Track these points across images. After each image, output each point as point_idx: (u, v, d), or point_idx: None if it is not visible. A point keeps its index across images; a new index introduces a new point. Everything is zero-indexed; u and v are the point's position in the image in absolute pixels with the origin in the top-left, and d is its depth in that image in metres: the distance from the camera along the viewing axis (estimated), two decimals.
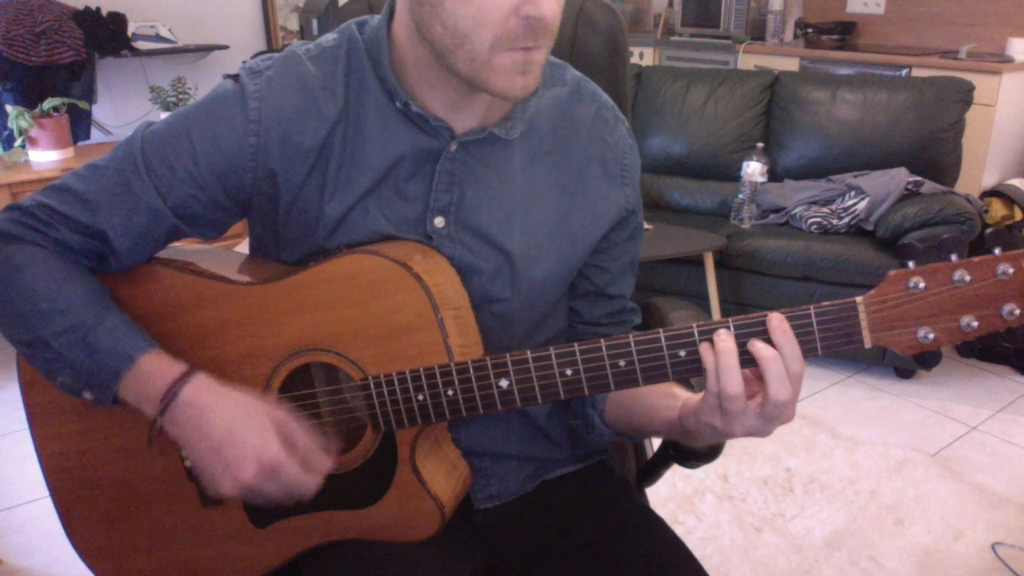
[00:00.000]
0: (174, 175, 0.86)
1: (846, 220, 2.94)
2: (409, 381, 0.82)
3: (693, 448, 0.99)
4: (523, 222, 0.91)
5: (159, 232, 0.88)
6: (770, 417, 0.75)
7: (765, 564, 1.92)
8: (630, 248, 1.00)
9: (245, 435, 0.79)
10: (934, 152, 3.05)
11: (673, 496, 2.17)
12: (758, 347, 0.74)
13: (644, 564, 0.91)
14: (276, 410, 0.83)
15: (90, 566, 0.97)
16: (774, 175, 3.26)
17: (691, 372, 0.77)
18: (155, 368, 0.82)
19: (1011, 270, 0.71)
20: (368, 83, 0.87)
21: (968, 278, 0.72)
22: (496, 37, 0.75)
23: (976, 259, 0.72)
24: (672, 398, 0.86)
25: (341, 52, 0.88)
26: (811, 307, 0.74)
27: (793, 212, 3.04)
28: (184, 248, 0.96)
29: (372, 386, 0.83)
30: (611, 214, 0.96)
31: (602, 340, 0.78)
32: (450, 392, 0.82)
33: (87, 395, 0.84)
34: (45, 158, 2.88)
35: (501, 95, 0.79)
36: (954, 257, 0.72)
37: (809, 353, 0.75)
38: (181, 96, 3.17)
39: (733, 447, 2.37)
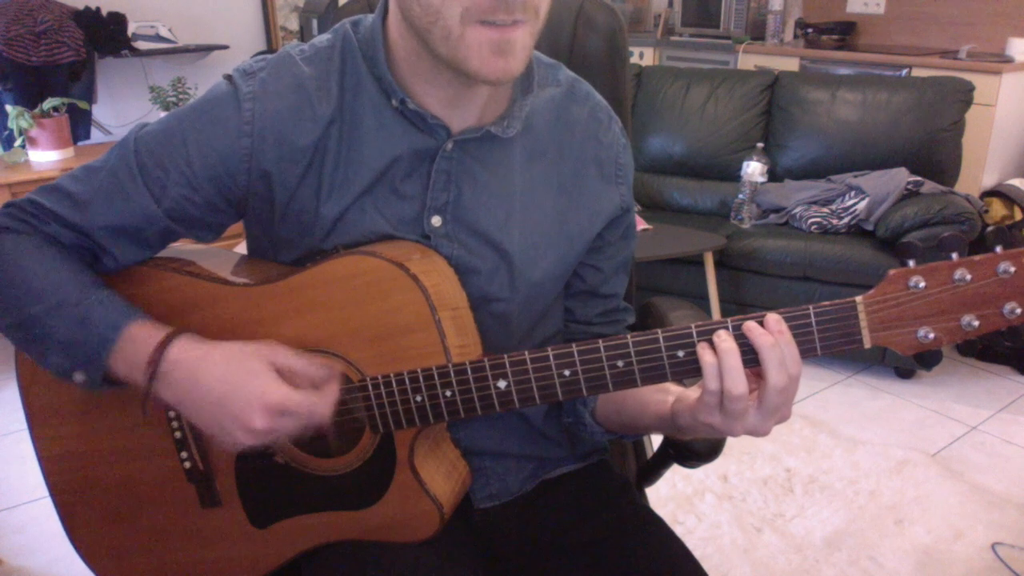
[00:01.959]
0: (168, 177, 0.85)
1: (846, 220, 2.94)
2: (407, 382, 0.82)
3: (692, 447, 0.99)
4: (522, 222, 0.91)
5: (153, 234, 0.88)
6: (769, 411, 0.75)
7: (765, 564, 1.92)
8: (623, 248, 1.00)
9: (243, 382, 0.78)
10: (934, 152, 3.05)
11: (673, 496, 2.17)
12: (756, 334, 0.73)
13: (644, 564, 0.90)
14: (268, 348, 0.81)
15: (90, 566, 0.97)
16: (774, 175, 3.26)
17: (690, 373, 0.77)
18: (142, 334, 0.82)
19: (1012, 268, 0.71)
20: (363, 82, 0.86)
21: (969, 277, 0.71)
22: (466, 8, 0.73)
23: (977, 258, 0.71)
24: (664, 393, 0.86)
25: (335, 52, 0.88)
26: (810, 307, 0.74)
27: (793, 212, 3.04)
28: (182, 249, 0.96)
29: (370, 387, 0.83)
30: (607, 213, 0.96)
31: (600, 341, 0.78)
32: (448, 393, 0.81)
33: (78, 376, 0.83)
34: (45, 158, 2.87)
35: (480, 77, 0.77)
36: (954, 256, 0.72)
37: (808, 353, 0.75)
38: (181, 96, 3.17)
39: (733, 447, 2.37)
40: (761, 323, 0.74)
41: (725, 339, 0.74)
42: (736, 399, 0.73)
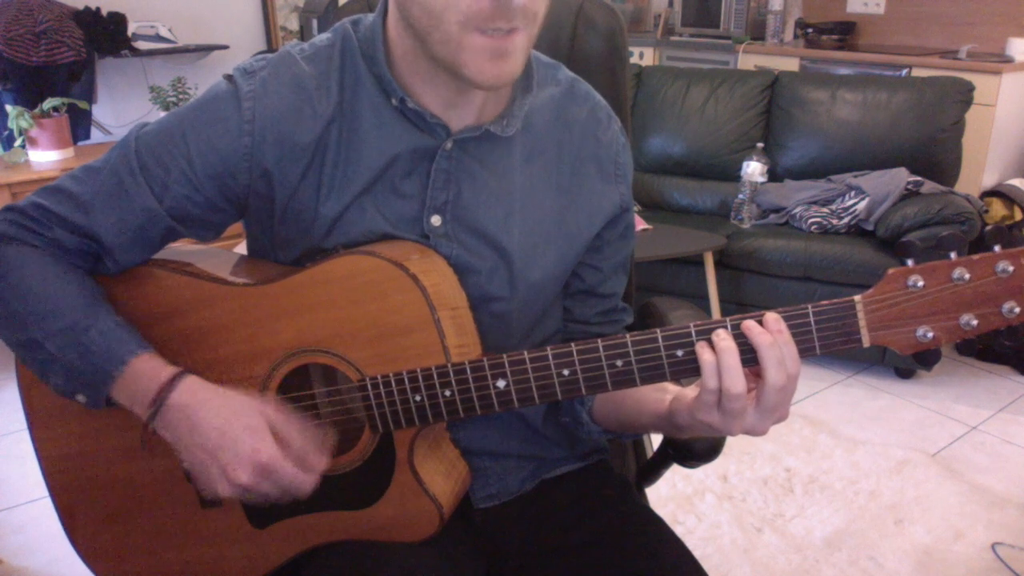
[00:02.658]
0: (169, 176, 0.86)
1: (846, 220, 2.94)
2: (406, 382, 0.82)
3: (692, 447, 0.99)
4: (522, 221, 0.91)
5: (154, 233, 0.88)
6: (767, 410, 0.75)
7: (765, 564, 1.92)
8: (622, 247, 1.00)
9: (238, 436, 0.79)
10: (934, 152, 3.05)
11: (673, 496, 2.17)
12: (755, 333, 0.73)
13: (644, 564, 0.90)
14: (269, 408, 0.82)
15: (90, 566, 0.97)
16: (774, 175, 3.26)
17: (688, 372, 0.77)
18: (146, 371, 0.82)
19: (1011, 268, 0.71)
20: (363, 81, 0.87)
21: (967, 276, 0.71)
22: (467, 16, 0.73)
23: (975, 257, 0.71)
24: (661, 391, 0.86)
25: (335, 51, 0.88)
26: (809, 306, 0.74)
27: (793, 212, 3.04)
28: (181, 249, 0.96)
29: (369, 387, 0.83)
30: (606, 212, 0.96)
31: (599, 340, 0.78)
32: (447, 393, 0.81)
33: (80, 398, 0.84)
34: (45, 158, 2.87)
35: (475, 83, 0.77)
36: (953, 255, 0.72)
37: (807, 352, 0.75)
38: (181, 96, 3.17)
39: (733, 447, 2.37)
40: (760, 322, 0.74)
41: (724, 338, 0.74)
42: (734, 398, 0.74)
